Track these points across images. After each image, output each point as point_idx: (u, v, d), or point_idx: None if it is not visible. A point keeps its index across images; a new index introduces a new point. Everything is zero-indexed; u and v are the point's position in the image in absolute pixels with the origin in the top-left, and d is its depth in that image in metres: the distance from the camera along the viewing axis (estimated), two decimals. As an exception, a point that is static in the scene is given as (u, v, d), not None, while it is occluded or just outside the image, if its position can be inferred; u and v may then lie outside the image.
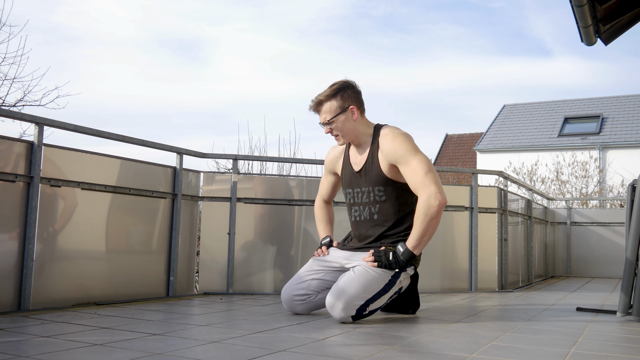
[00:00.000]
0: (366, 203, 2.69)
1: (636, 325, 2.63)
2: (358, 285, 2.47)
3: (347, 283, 2.48)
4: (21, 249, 2.61)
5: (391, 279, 2.54)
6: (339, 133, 2.68)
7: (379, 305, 2.56)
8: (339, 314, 2.45)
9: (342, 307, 2.44)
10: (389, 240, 2.64)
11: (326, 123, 2.66)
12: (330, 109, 2.64)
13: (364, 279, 2.49)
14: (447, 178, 16.99)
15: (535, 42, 41.40)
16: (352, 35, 42.69)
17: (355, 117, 2.66)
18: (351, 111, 2.65)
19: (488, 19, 42.46)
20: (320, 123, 2.70)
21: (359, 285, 2.48)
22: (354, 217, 2.76)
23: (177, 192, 3.44)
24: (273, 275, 3.75)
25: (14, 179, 2.58)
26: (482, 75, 41.10)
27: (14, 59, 7.31)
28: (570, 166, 13.98)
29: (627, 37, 37.24)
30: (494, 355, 1.86)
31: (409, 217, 2.64)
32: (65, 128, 2.82)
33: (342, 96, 2.64)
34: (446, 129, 38.59)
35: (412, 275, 2.75)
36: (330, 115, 2.64)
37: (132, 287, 3.16)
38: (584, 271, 6.58)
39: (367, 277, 2.49)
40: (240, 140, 11.87)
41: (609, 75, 38.76)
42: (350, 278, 2.50)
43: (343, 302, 2.44)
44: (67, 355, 1.69)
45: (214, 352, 1.80)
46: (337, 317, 2.47)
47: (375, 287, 2.50)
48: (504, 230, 4.50)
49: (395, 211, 2.65)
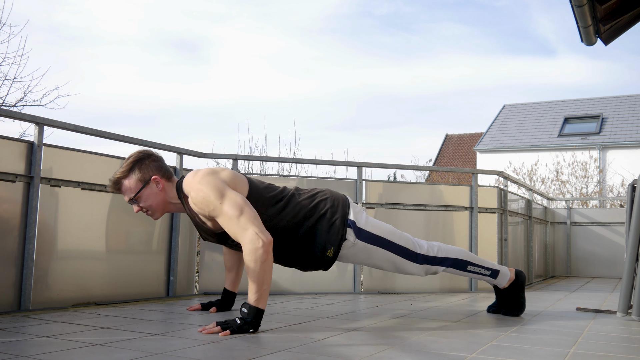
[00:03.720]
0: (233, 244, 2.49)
1: (636, 325, 2.63)
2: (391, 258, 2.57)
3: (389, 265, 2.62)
4: (21, 249, 2.61)
5: (384, 245, 2.53)
6: (149, 209, 2.43)
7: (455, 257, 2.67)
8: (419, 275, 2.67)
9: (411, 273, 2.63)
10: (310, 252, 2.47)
11: (131, 201, 2.42)
12: (130, 187, 2.40)
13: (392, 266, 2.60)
14: (447, 178, 16.99)
15: (539, 41, 41.39)
16: (354, 34, 42.70)
17: (162, 186, 2.42)
18: (155, 182, 2.41)
19: (492, 17, 42.48)
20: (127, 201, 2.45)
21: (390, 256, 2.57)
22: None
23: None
24: (273, 275, 3.75)
25: (14, 179, 2.58)
26: (485, 75, 41.12)
27: (14, 59, 7.31)
28: (570, 166, 13.98)
29: (631, 37, 37.21)
30: (494, 355, 1.86)
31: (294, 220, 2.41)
32: (65, 128, 2.82)
33: (140, 168, 2.40)
34: (446, 129, 38.59)
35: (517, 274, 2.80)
36: (132, 192, 2.39)
37: (132, 287, 3.16)
38: (584, 271, 6.58)
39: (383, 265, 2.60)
40: (240, 140, 11.86)
41: (613, 74, 38.73)
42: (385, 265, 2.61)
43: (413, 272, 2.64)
44: (67, 355, 1.69)
45: (214, 352, 1.80)
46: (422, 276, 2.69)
47: (391, 259, 2.55)
48: (504, 230, 4.50)
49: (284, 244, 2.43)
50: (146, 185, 2.40)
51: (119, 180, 2.41)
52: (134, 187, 2.40)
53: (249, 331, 2.15)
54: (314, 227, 2.43)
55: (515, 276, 2.80)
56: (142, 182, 2.40)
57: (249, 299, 2.20)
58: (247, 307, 2.19)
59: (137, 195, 2.40)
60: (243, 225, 2.20)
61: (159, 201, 2.43)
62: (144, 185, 2.40)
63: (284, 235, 2.41)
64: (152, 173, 2.42)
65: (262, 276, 2.18)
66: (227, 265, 2.81)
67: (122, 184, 2.41)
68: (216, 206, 2.24)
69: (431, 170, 10.05)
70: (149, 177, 2.41)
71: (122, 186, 2.41)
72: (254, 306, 2.19)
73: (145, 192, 2.40)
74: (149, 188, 2.41)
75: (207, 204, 2.26)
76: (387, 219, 4.06)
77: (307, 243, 2.44)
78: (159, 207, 2.44)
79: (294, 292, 3.74)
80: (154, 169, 2.43)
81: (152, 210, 2.44)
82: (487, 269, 2.73)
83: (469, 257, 2.71)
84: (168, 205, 2.47)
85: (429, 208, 4.19)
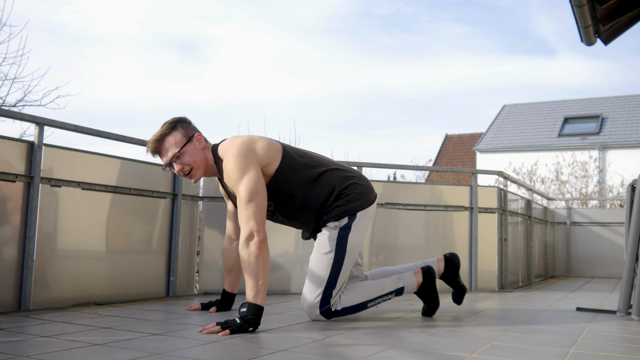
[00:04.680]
0: (269, 217, 2.60)
1: (636, 325, 2.63)
2: (307, 285, 2.51)
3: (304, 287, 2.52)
4: (21, 249, 2.61)
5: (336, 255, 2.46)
6: (192, 166, 2.44)
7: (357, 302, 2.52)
8: (310, 318, 2.51)
9: (306, 311, 2.50)
10: (318, 220, 2.55)
11: (175, 158, 2.42)
12: (175, 141, 2.41)
13: (310, 276, 2.50)
14: (447, 178, 16.99)
15: (539, 41, 41.36)
16: (355, 34, 42.66)
17: (203, 145, 2.47)
18: (197, 139, 2.45)
19: (492, 17, 42.45)
20: (166, 165, 2.45)
21: (308, 283, 2.50)
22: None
23: (177, 192, 3.44)
24: (273, 275, 3.75)
25: (14, 179, 2.59)
26: (485, 75, 41.08)
27: (14, 59, 7.32)
28: (570, 166, 13.99)
29: (631, 37, 37.23)
30: (494, 355, 1.86)
31: (311, 191, 2.48)
32: (66, 128, 2.82)
33: (182, 127, 2.45)
34: (446, 129, 38.58)
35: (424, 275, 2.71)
36: (177, 147, 2.41)
37: (132, 287, 3.17)
38: (583, 271, 6.58)
39: (311, 272, 2.50)
40: (240, 140, 11.81)
41: (613, 74, 38.71)
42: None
43: (304, 306, 2.49)
44: (67, 355, 1.70)
45: (214, 352, 1.80)
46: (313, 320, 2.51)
47: (322, 276, 2.46)
48: (504, 230, 4.51)
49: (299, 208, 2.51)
50: (190, 141, 2.43)
51: (162, 136, 2.42)
52: (178, 142, 2.42)
53: (248, 330, 2.16)
54: (329, 197, 2.50)
55: (422, 278, 2.69)
56: (186, 138, 2.43)
57: (247, 296, 2.23)
58: (246, 306, 2.22)
59: (182, 150, 2.42)
60: (246, 215, 2.26)
61: (202, 158, 2.46)
62: (188, 141, 2.43)
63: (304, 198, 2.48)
64: (195, 131, 2.48)
65: (257, 270, 2.22)
66: (227, 267, 2.81)
67: (166, 140, 2.42)
68: (235, 182, 2.32)
69: (431, 170, 10.05)
70: (192, 134, 2.45)
71: (165, 143, 2.42)
72: (252, 303, 2.21)
73: (189, 147, 2.43)
74: (192, 144, 2.44)
75: (229, 176, 2.33)
76: (387, 219, 4.07)
77: (317, 208, 2.51)
78: (202, 164, 2.46)
79: (293, 292, 3.74)
80: (194, 128, 2.49)
81: (195, 168, 2.45)
82: (389, 293, 2.62)
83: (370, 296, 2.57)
84: (208, 166, 2.50)
85: (429, 208, 4.19)
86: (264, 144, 2.41)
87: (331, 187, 2.50)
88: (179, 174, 2.46)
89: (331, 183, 2.51)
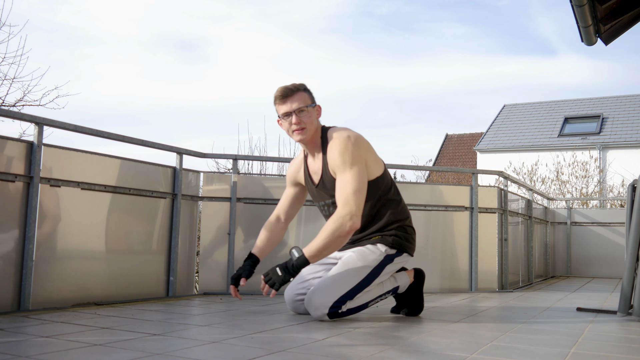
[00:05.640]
0: (325, 206, 2.70)
1: (636, 325, 2.62)
2: (330, 283, 2.50)
3: (322, 280, 2.53)
4: (21, 249, 2.61)
5: (369, 275, 2.53)
6: (306, 126, 2.57)
7: (360, 304, 2.55)
8: (313, 312, 2.49)
9: (314, 305, 2.48)
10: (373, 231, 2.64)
11: (298, 112, 2.55)
12: (303, 99, 2.57)
13: (338, 276, 2.51)
14: (447, 178, 16.99)
15: (539, 41, 41.37)
16: (355, 34, 42.67)
17: (319, 115, 2.65)
18: (317, 108, 2.64)
19: (492, 17, 42.45)
20: (285, 114, 2.56)
21: (332, 282, 2.50)
22: None
23: (177, 192, 3.44)
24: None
25: (14, 179, 2.58)
26: (485, 75, 41.09)
27: (14, 59, 7.32)
28: (571, 166, 13.97)
29: (631, 37, 37.22)
30: (494, 355, 1.86)
31: (386, 209, 2.63)
32: (65, 128, 2.82)
33: (310, 93, 2.63)
34: (446, 129, 38.59)
35: (416, 276, 2.75)
36: (304, 103, 2.56)
37: (132, 287, 3.16)
38: (584, 271, 6.58)
39: (341, 273, 2.51)
40: (240, 140, 11.88)
41: (614, 74, 38.72)
42: (327, 275, 2.55)
43: (315, 299, 2.48)
44: (67, 355, 1.69)
45: (214, 352, 1.80)
46: (312, 315, 2.51)
47: (349, 283, 2.49)
48: (504, 230, 4.50)
49: (366, 216, 2.60)
50: (313, 105, 2.60)
51: (297, 88, 2.58)
52: (307, 100, 2.58)
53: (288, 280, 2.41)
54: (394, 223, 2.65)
55: (413, 278, 2.75)
56: (312, 101, 2.61)
57: (307, 249, 2.42)
58: (299, 253, 2.43)
59: (306, 108, 2.56)
60: (352, 201, 2.43)
61: (314, 126, 2.60)
62: (312, 104, 2.59)
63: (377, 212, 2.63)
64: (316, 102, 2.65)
65: (331, 244, 2.41)
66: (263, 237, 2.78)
67: (299, 93, 2.57)
68: (345, 167, 2.47)
69: (431, 170, 10.05)
70: (315, 102, 2.63)
71: (297, 94, 2.56)
72: (305, 257, 2.41)
73: (310, 109, 2.59)
74: (314, 110, 2.61)
75: (340, 159, 2.48)
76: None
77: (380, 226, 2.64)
78: (313, 127, 2.59)
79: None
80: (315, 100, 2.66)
81: (307, 127, 2.57)
82: (387, 292, 2.66)
83: (371, 296, 2.60)
84: (314, 136, 2.62)
85: (429, 208, 4.18)
86: (373, 150, 2.64)
87: (404, 216, 2.68)
88: (293, 126, 2.56)
89: (404, 214, 2.70)
